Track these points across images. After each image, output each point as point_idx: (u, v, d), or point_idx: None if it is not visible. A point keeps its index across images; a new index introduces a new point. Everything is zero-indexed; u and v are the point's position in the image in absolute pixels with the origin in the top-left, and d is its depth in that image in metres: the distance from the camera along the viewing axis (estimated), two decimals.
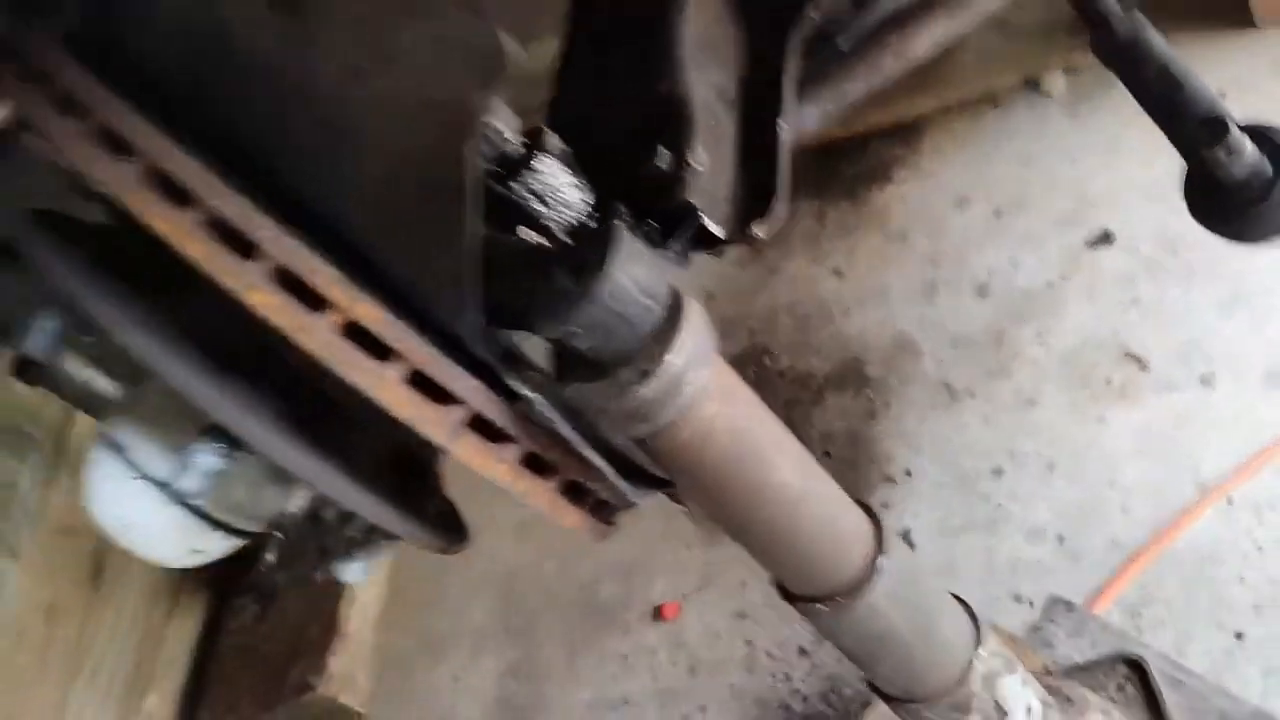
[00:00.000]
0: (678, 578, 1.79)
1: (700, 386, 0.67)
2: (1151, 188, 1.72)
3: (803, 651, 1.60)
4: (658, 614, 1.77)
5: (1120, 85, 1.87)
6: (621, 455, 0.71)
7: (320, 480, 0.70)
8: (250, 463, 0.78)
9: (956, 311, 1.77)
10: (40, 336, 0.75)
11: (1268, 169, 0.80)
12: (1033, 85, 1.95)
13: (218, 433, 0.72)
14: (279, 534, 2.12)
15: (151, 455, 0.77)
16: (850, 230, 2.00)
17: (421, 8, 0.66)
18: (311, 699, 1.92)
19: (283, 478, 0.81)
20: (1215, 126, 0.79)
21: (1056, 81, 1.92)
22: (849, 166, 2.06)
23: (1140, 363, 1.57)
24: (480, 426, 0.67)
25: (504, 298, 0.72)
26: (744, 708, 1.59)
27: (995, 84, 1.98)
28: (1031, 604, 1.44)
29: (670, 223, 0.92)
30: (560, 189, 0.85)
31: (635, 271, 0.64)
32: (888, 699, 0.94)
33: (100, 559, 2.00)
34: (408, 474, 0.80)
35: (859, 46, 1.05)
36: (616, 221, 0.67)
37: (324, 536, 2.19)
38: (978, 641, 0.91)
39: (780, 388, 1.86)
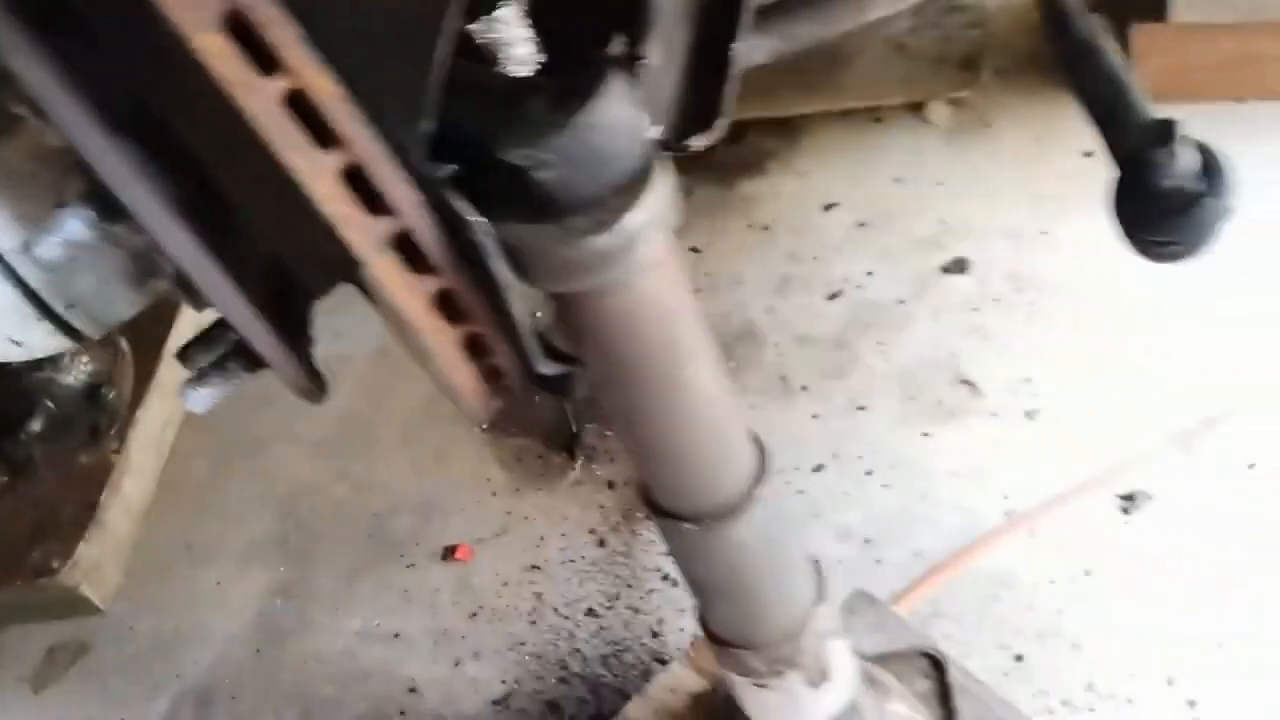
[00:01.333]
0: (476, 522, 1.73)
1: (650, 254, 0.62)
2: (1010, 225, 1.78)
3: (591, 612, 1.56)
4: (448, 554, 1.70)
5: (998, 124, 1.94)
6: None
7: (205, 277, 0.61)
8: (108, 251, 0.69)
9: (805, 310, 1.79)
10: None
11: (1199, 181, 0.82)
12: (916, 110, 2.00)
13: (92, 202, 0.63)
14: (50, 403, 1.93)
15: None
16: (714, 212, 1.99)
17: None
18: (49, 584, 1.75)
19: (138, 278, 0.72)
20: (1166, 128, 0.80)
21: (940, 111, 1.97)
22: (723, 151, 2.05)
23: (972, 388, 1.61)
24: (405, 248, 0.60)
25: (461, 120, 0.65)
26: (520, 659, 1.54)
27: (881, 100, 2.01)
28: None
29: None
30: (515, 44, 0.80)
31: (621, 112, 0.59)
32: (718, 642, 0.91)
33: None
34: (286, 304, 0.72)
35: None
36: (610, 57, 0.62)
37: (99, 414, 2.01)
38: (820, 598, 0.90)
39: None
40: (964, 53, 1.95)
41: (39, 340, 0.72)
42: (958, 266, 1.76)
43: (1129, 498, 1.45)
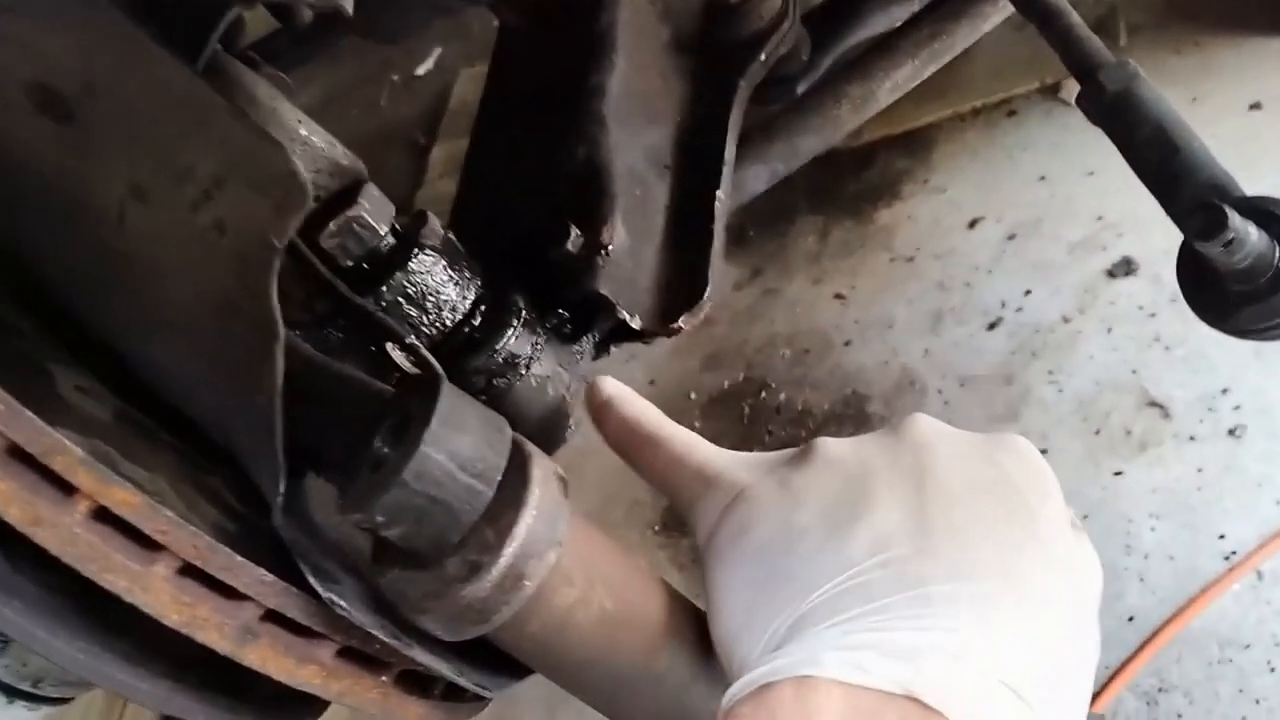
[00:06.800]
0: None
1: (548, 573, 0.54)
2: None
3: None
4: None
5: None
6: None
7: (92, 671, 0.58)
8: None
9: (964, 345, 1.63)
10: None
11: (1274, 255, 0.66)
12: (1051, 92, 1.79)
13: None
14: None
15: None
16: (854, 250, 1.85)
17: (207, 124, 0.53)
18: None
19: None
20: (1211, 219, 0.64)
21: (1077, 88, 1.76)
22: (853, 180, 1.91)
23: (1162, 410, 1.42)
24: (283, 620, 0.55)
25: (325, 440, 0.60)
26: None
27: (1011, 90, 1.82)
28: None
29: (582, 314, 0.80)
30: (440, 288, 0.73)
31: (457, 444, 0.51)
32: None
33: None
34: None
35: (815, 93, 0.91)
36: (439, 375, 0.54)
37: None
38: None
39: (776, 426, 1.72)
40: (1093, 16, 1.73)
41: (24, 717, 0.71)
42: (1125, 268, 1.55)
43: None
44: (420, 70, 2.75)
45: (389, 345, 0.67)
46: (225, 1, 0.66)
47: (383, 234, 0.71)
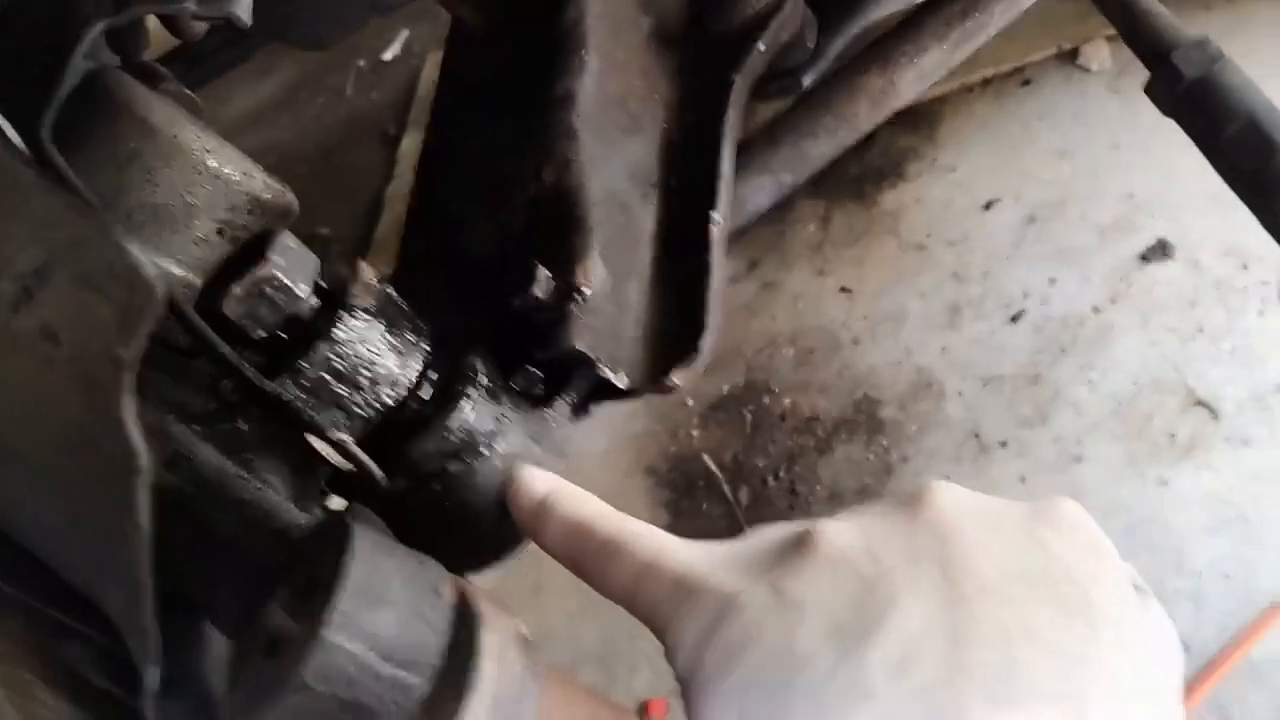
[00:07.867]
0: (665, 674, 1.54)
1: None
2: (1215, 186, 1.42)
3: None
4: (643, 711, 1.52)
5: None
6: None
7: None
8: None
9: (985, 341, 1.49)
10: None
11: None
12: (1069, 58, 1.65)
13: None
14: None
15: None
16: (859, 237, 1.71)
17: (20, 201, 0.39)
18: None
19: None
20: None
21: (1098, 52, 1.62)
22: (854, 161, 1.77)
23: (1210, 410, 1.29)
24: None
25: (212, 599, 0.46)
26: None
27: (1025, 57, 1.68)
28: None
29: (556, 371, 0.67)
30: (375, 359, 0.60)
31: (376, 624, 0.38)
32: None
33: None
34: None
35: (825, 87, 0.77)
36: (351, 528, 0.40)
37: None
38: None
39: (781, 434, 1.59)
40: None
41: None
42: (1160, 251, 1.42)
43: None
44: (387, 55, 2.60)
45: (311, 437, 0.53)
46: (84, 15, 0.53)
47: (302, 295, 0.58)
